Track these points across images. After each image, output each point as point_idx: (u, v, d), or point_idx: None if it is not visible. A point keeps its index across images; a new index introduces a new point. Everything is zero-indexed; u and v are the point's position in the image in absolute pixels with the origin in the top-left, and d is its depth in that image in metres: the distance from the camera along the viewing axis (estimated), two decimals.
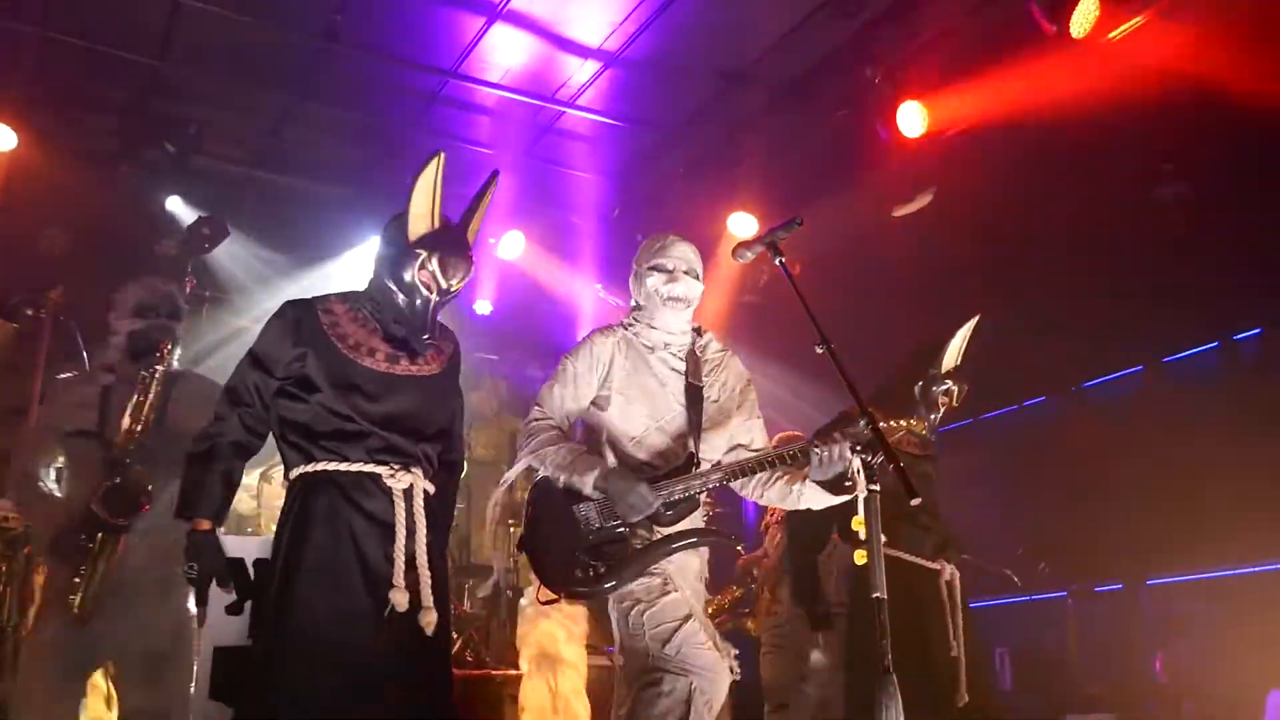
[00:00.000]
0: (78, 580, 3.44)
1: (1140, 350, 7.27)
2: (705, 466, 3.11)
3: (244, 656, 2.68)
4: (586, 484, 2.97)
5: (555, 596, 3.05)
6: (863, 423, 2.53)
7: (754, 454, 3.14)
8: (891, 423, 3.14)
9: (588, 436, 3.27)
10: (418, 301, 2.85)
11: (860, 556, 2.37)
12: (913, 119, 6.11)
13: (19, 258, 6.41)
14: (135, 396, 3.63)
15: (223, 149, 7.51)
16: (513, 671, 5.34)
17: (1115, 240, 6.50)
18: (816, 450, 2.85)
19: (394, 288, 2.86)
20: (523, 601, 5.44)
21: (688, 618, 2.95)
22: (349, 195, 7.68)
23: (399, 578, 2.61)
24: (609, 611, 3.11)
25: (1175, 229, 6.16)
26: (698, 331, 3.36)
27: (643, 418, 3.16)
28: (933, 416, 4.31)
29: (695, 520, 3.11)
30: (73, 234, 6.81)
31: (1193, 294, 6.43)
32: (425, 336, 2.90)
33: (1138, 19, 5.24)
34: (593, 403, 3.22)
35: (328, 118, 7.21)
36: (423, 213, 2.86)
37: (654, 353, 3.26)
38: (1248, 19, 5.15)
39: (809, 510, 3.15)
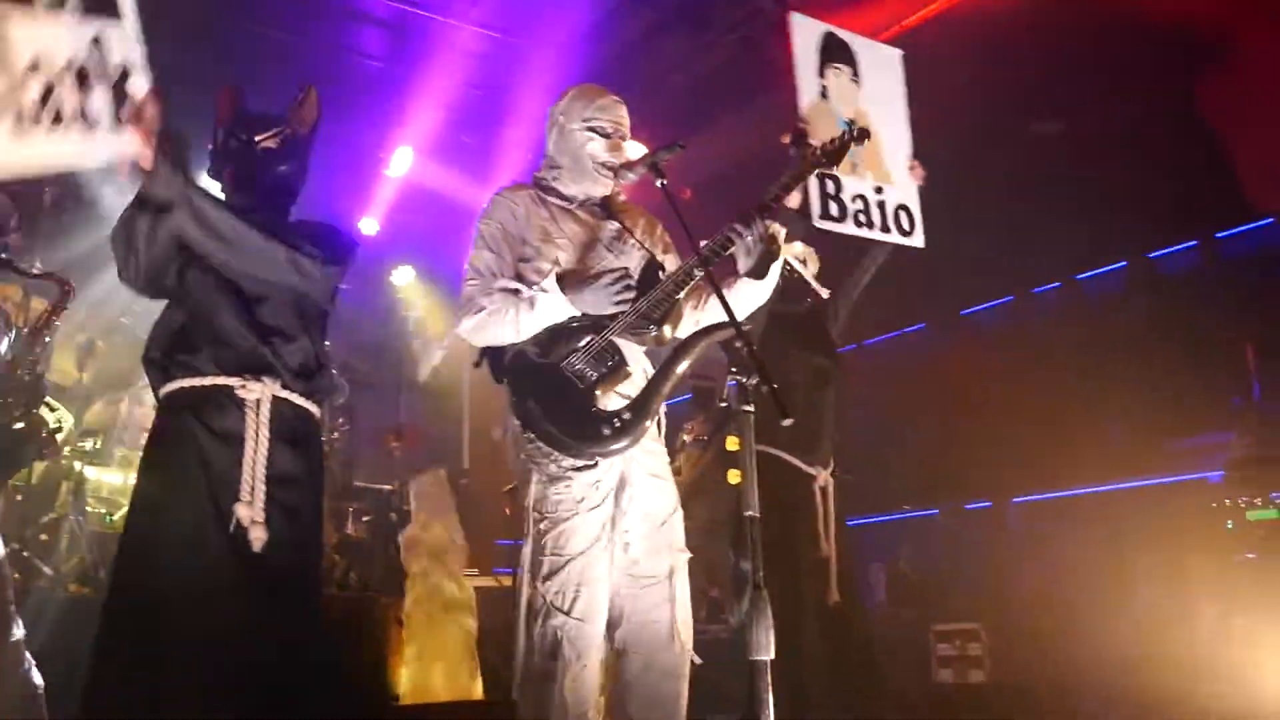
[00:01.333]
0: None
1: (1009, 280, 7.50)
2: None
3: None
4: (558, 300, 2.76)
5: (588, 463, 2.77)
6: (737, 343, 2.52)
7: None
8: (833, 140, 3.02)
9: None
10: None
11: (734, 475, 2.40)
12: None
13: None
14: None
15: None
16: (396, 595, 5.33)
17: (991, 173, 6.66)
18: (739, 235, 2.80)
19: None
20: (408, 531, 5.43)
21: (584, 551, 2.74)
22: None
23: (245, 493, 2.52)
24: (523, 506, 2.89)
25: (1045, 166, 6.35)
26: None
27: (580, 262, 2.95)
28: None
29: (639, 379, 2.89)
30: None
31: (1065, 228, 6.64)
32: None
33: None
34: (522, 259, 2.97)
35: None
36: None
37: (574, 204, 3.06)
38: None
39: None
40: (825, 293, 4.26)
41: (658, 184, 2.79)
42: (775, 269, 2.93)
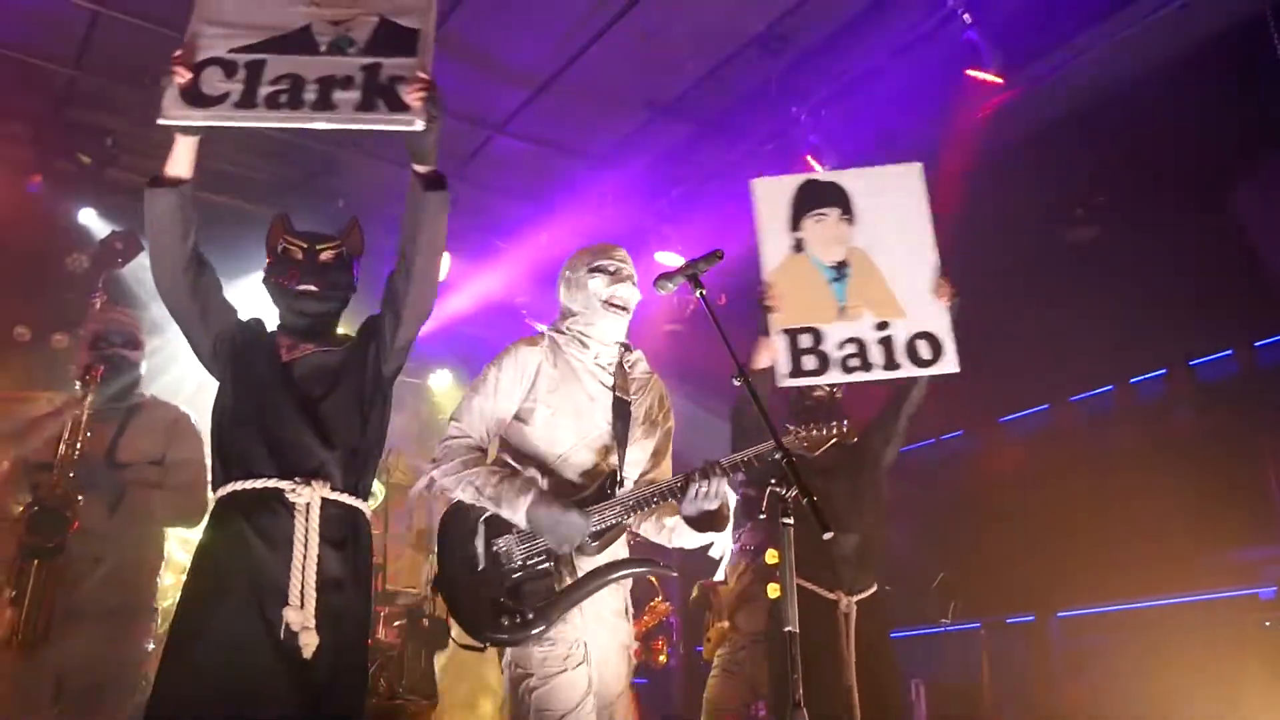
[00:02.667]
0: (14, 608, 3.39)
1: (1047, 388, 7.45)
2: (629, 487, 2.95)
3: None
4: (519, 514, 2.77)
5: (479, 645, 2.79)
6: (778, 455, 2.51)
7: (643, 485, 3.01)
8: (820, 432, 2.97)
9: (506, 455, 3.05)
10: None
11: (773, 590, 2.36)
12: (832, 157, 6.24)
13: None
14: (69, 422, 3.64)
15: (139, 162, 7.32)
16: (426, 701, 5.25)
17: (1027, 279, 6.68)
18: (695, 483, 2.76)
19: None
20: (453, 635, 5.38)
21: (575, 707, 2.70)
22: (268, 213, 7.54)
23: (294, 597, 2.50)
24: (501, 665, 2.90)
25: (1085, 272, 6.36)
26: (626, 348, 3.20)
27: (569, 433, 2.97)
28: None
29: (620, 549, 2.94)
30: None
31: (1099, 335, 6.61)
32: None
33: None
34: (515, 416, 3.01)
35: (249, 134, 7.08)
36: None
37: (583, 365, 3.08)
38: None
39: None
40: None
41: (696, 294, 2.81)
42: (714, 538, 2.94)
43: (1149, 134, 5.89)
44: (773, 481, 2.46)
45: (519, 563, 2.81)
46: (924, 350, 3.56)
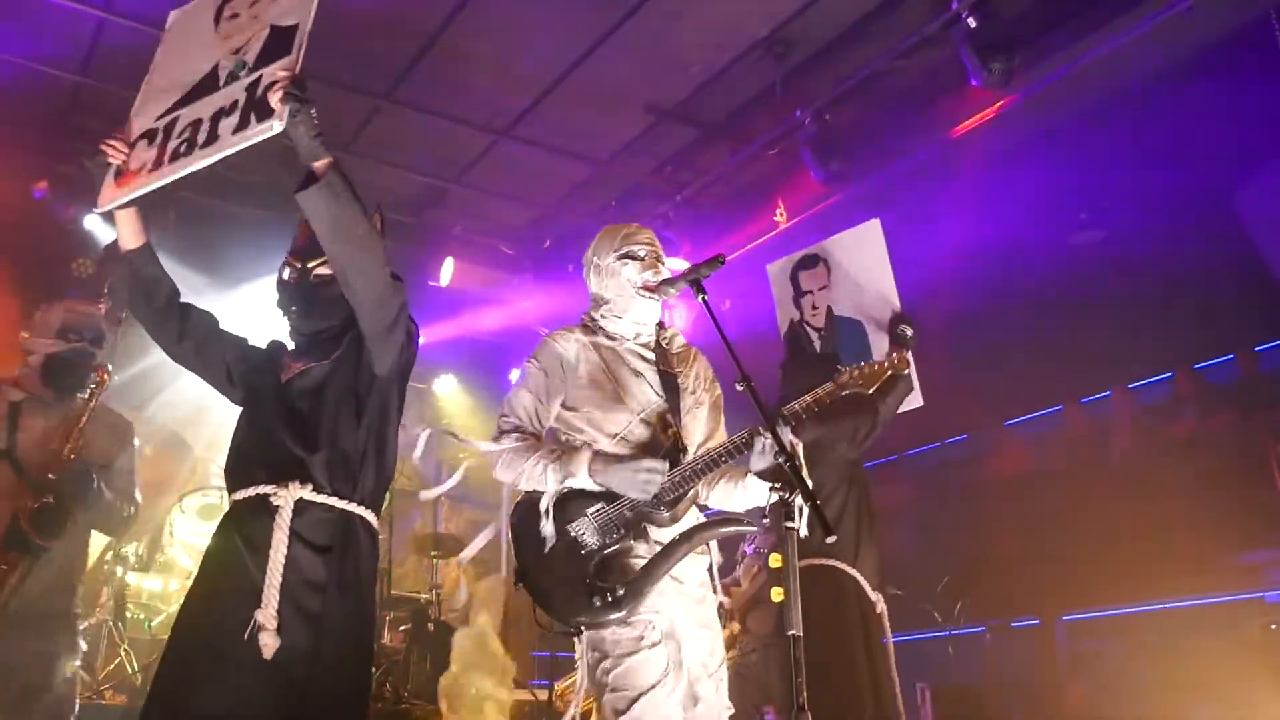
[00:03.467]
0: None
1: (1053, 391, 7.44)
2: (692, 455, 2.91)
3: None
4: (580, 475, 2.76)
5: (574, 630, 2.75)
6: (781, 459, 2.50)
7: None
8: (874, 364, 2.86)
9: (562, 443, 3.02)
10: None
11: (777, 593, 2.36)
12: (838, 161, 6.24)
13: None
14: (68, 418, 3.60)
15: None
16: (430, 706, 5.25)
17: (1034, 284, 6.68)
18: (761, 436, 2.70)
19: None
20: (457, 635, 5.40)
21: (654, 686, 2.66)
22: (272, 219, 7.57)
23: (267, 596, 2.47)
24: (577, 648, 2.85)
25: (1089, 276, 6.36)
26: (660, 325, 3.16)
27: (623, 412, 2.95)
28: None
29: (693, 518, 2.89)
30: None
31: (1104, 339, 6.61)
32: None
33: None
34: (564, 405, 3.00)
35: None
36: None
37: (622, 344, 3.06)
38: None
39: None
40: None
41: (698, 299, 2.81)
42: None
43: (1153, 137, 5.89)
44: (775, 486, 2.45)
45: (598, 542, 2.79)
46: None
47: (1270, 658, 4.99)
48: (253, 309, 3.04)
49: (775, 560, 2.41)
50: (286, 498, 2.56)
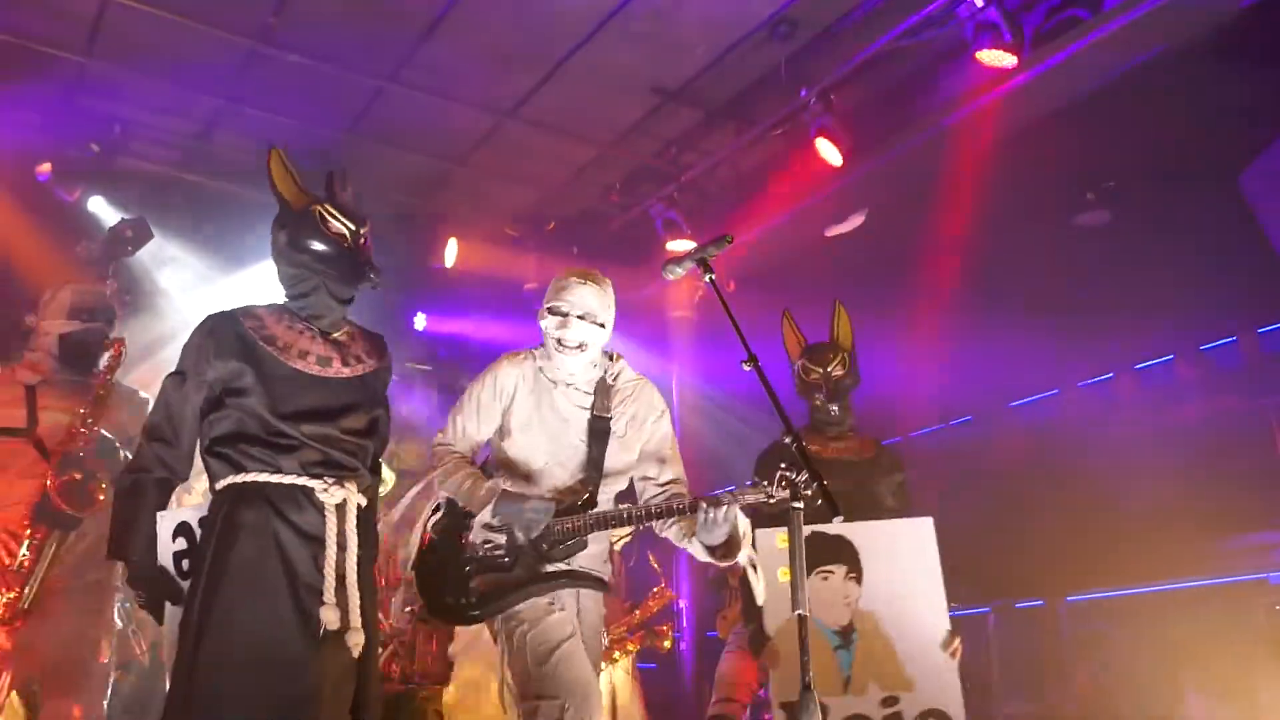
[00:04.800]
0: (18, 579, 3.42)
1: (1056, 372, 7.45)
2: (603, 507, 3.07)
3: None
4: (486, 512, 2.97)
5: (427, 619, 3.09)
6: (787, 439, 2.52)
7: (659, 491, 3.15)
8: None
9: (493, 464, 3.24)
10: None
11: (784, 574, 2.37)
12: (828, 152, 6.23)
13: None
14: (88, 396, 3.65)
15: (149, 150, 7.35)
16: (437, 686, 5.27)
17: (1039, 265, 6.67)
18: (704, 509, 2.82)
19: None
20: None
21: (568, 636, 2.91)
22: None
23: (329, 594, 2.54)
24: (495, 633, 3.06)
25: (1092, 256, 6.35)
26: (610, 357, 3.27)
27: (542, 452, 3.12)
28: (831, 406, 4.13)
29: (586, 561, 3.07)
30: None
31: (1108, 320, 6.61)
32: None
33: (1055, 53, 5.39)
34: (497, 431, 3.21)
35: (259, 121, 7.09)
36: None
37: (558, 387, 3.18)
38: None
39: None
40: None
41: (705, 279, 2.82)
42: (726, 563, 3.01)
43: (1158, 118, 5.87)
44: (782, 466, 2.46)
45: (480, 553, 3.02)
46: None
47: (1274, 638, 5.00)
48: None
49: (781, 540, 2.42)
50: (347, 495, 2.65)
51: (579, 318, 3.12)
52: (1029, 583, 7.01)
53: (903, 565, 3.68)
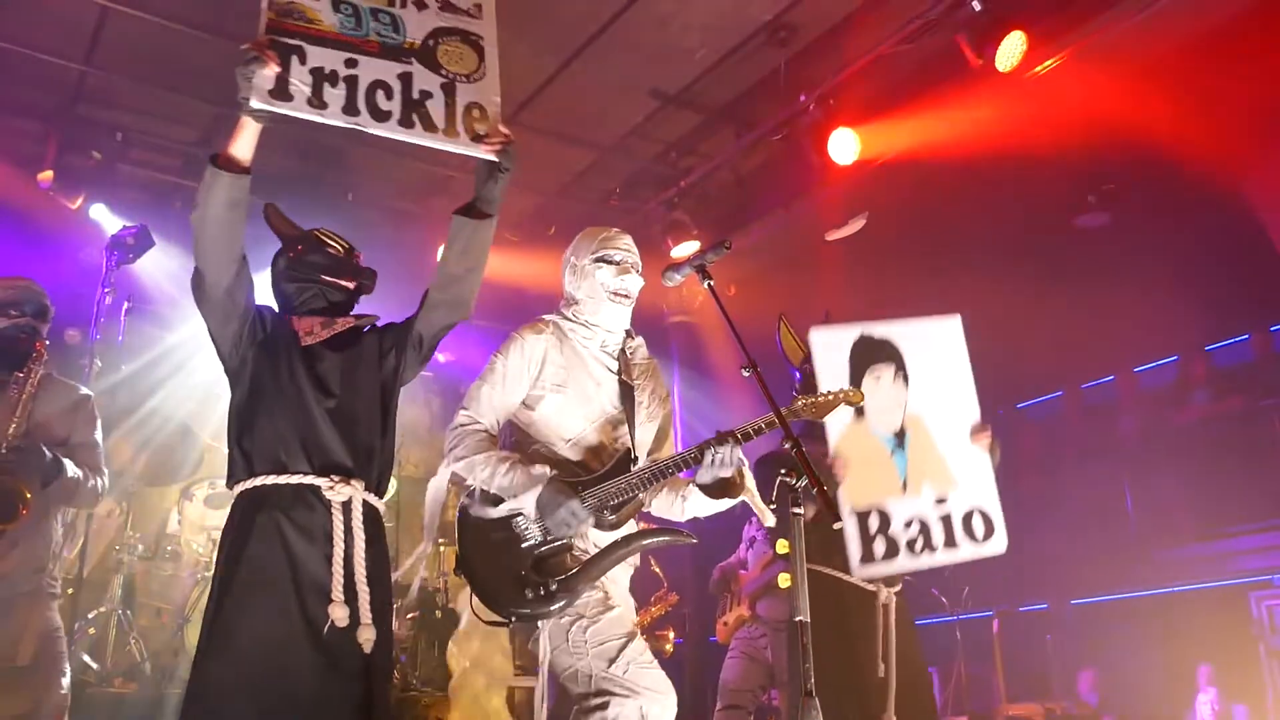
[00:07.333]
0: None
1: (1061, 374, 7.44)
2: (642, 464, 2.98)
3: None
4: (528, 503, 2.79)
5: (503, 620, 2.80)
6: (787, 445, 2.51)
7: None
8: (827, 395, 2.94)
9: (516, 438, 3.08)
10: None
11: (784, 580, 2.36)
12: (845, 146, 6.20)
13: None
14: (11, 397, 3.53)
15: (150, 157, 7.36)
16: (439, 693, 5.27)
17: (1039, 267, 6.65)
18: (711, 450, 2.78)
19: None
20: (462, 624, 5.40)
21: (632, 635, 2.81)
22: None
23: (338, 592, 2.55)
24: (539, 628, 2.87)
25: (1098, 258, 6.34)
26: (629, 334, 3.22)
27: (579, 417, 3.02)
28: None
29: (632, 527, 2.98)
30: None
31: (1114, 321, 6.59)
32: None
33: (1055, 60, 5.37)
34: (523, 402, 3.05)
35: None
36: None
37: (589, 350, 3.11)
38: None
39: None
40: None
41: (704, 285, 2.82)
42: (731, 505, 2.98)
43: (1160, 117, 5.85)
44: (782, 472, 2.46)
45: (539, 538, 2.82)
46: (978, 527, 3.68)
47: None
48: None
49: (782, 547, 2.41)
50: (352, 493, 2.67)
51: (632, 265, 3.13)
52: (1033, 586, 7.01)
53: (937, 363, 3.77)
